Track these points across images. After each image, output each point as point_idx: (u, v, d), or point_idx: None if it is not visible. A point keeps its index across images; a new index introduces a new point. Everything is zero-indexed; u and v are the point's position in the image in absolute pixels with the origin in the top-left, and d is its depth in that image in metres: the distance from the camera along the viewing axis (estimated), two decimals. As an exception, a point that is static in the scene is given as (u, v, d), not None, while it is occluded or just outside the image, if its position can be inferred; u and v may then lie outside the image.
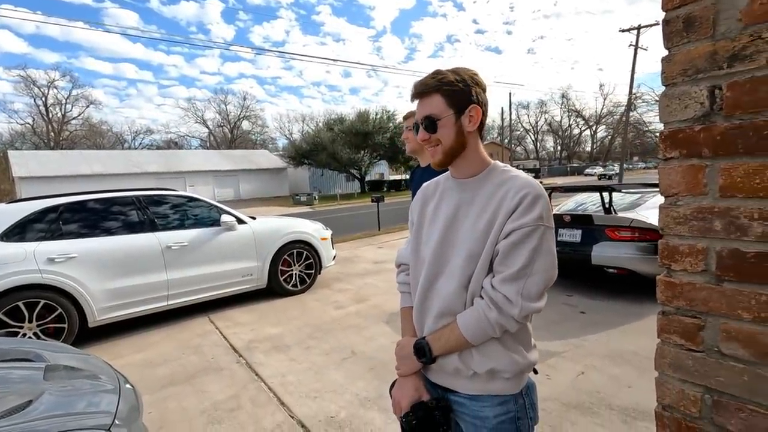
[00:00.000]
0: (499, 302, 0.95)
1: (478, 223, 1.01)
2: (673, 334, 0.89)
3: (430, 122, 1.02)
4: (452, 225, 1.06)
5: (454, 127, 1.02)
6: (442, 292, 1.04)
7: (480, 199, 1.03)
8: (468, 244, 1.01)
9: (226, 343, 3.84)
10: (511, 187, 0.99)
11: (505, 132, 47.76)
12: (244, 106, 60.49)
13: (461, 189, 1.08)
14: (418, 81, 1.05)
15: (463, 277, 1.01)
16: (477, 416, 1.03)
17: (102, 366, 2.15)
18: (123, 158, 32.49)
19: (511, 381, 1.02)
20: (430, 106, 1.02)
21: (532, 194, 0.96)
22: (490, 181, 1.04)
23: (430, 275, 1.07)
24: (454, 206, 1.07)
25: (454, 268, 1.03)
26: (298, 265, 5.38)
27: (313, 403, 2.70)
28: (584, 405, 2.47)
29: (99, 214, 4.21)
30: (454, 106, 1.02)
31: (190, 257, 4.53)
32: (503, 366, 1.00)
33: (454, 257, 1.03)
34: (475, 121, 1.04)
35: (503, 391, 1.02)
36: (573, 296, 4.58)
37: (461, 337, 0.99)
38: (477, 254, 0.99)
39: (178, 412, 2.68)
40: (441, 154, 1.04)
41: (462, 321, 1.00)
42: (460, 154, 1.05)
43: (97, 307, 3.95)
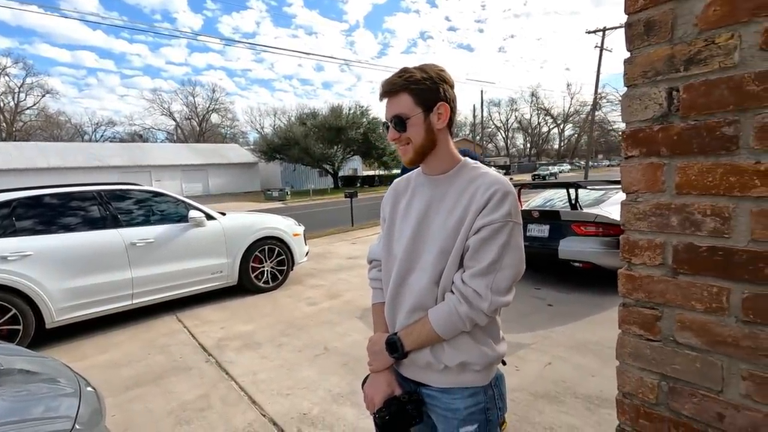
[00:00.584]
0: (469, 296, 0.97)
1: (449, 219, 1.02)
2: (633, 324, 0.94)
3: (399, 121, 1.03)
4: (424, 221, 1.07)
5: (424, 125, 1.03)
6: (414, 287, 1.05)
7: (451, 196, 1.04)
8: (439, 240, 1.02)
9: (194, 342, 3.74)
10: (481, 184, 1.01)
11: (477, 129, 48.51)
12: (214, 99, 58.80)
13: (433, 185, 1.09)
14: (385, 80, 1.05)
15: (435, 272, 1.02)
16: (448, 408, 1.05)
17: (61, 369, 2.05)
18: (83, 151, 30.96)
19: (481, 373, 1.04)
20: (398, 105, 1.03)
21: (502, 191, 0.98)
22: (460, 178, 1.06)
23: (402, 271, 1.08)
24: (426, 202, 1.08)
25: (425, 263, 1.04)
26: (270, 262, 5.30)
27: (285, 400, 2.67)
28: (551, 394, 2.55)
29: (57, 209, 4.00)
30: (422, 104, 1.02)
31: (156, 254, 4.37)
32: (474, 359, 1.02)
33: (426, 253, 1.05)
34: (444, 119, 1.05)
35: (473, 383, 1.04)
36: (541, 289, 4.72)
37: (432, 331, 1.00)
38: (448, 250, 1.01)
39: (144, 414, 2.59)
40: (412, 152, 1.05)
41: (433, 316, 1.01)
42: (431, 151, 1.06)
43: (56, 307, 3.76)
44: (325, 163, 33.94)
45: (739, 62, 0.75)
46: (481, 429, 1.05)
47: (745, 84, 0.74)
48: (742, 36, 0.74)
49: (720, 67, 0.77)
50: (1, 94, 45.96)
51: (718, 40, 0.77)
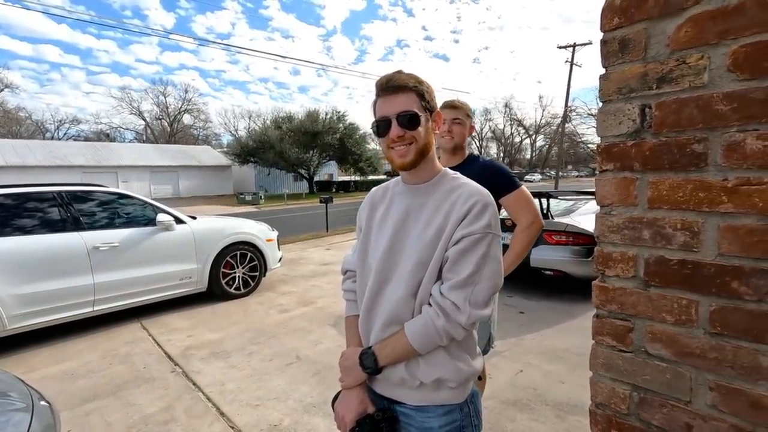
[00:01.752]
0: (447, 309, 0.95)
1: (427, 230, 1.00)
2: (606, 335, 0.95)
3: (411, 118, 1.00)
4: (401, 231, 1.05)
5: (426, 128, 1.03)
6: (391, 298, 1.03)
7: (430, 206, 1.03)
8: (417, 251, 1.00)
9: (159, 350, 3.59)
10: (461, 195, 1.00)
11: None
12: (186, 99, 57.29)
13: (412, 194, 1.07)
14: (391, 76, 1.02)
15: (412, 284, 1.00)
16: (423, 427, 1.03)
17: (11, 381, 1.92)
18: (44, 149, 29.50)
19: (456, 390, 1.02)
20: (407, 102, 1.00)
21: (482, 202, 0.98)
22: (440, 188, 1.05)
23: (378, 282, 1.05)
24: (404, 212, 1.06)
25: (402, 274, 1.02)
26: (242, 268, 5.17)
27: (254, 411, 2.59)
28: (522, 402, 2.58)
29: (11, 210, 3.77)
30: (425, 108, 1.03)
31: (120, 259, 4.19)
32: (449, 375, 1.00)
33: (403, 264, 1.02)
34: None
35: (449, 401, 1.02)
36: (513, 297, 4.80)
37: (408, 345, 0.98)
38: (426, 261, 0.99)
39: (102, 428, 2.45)
40: (414, 153, 1.02)
41: (409, 329, 0.99)
42: (426, 156, 1.05)
43: (8, 314, 3.54)
44: (301, 168, 33.63)
45: (708, 82, 0.78)
46: None
47: (713, 103, 0.77)
48: (711, 57, 0.77)
49: (690, 86, 0.80)
50: (-45, 86, 43.38)
51: (689, 60, 0.80)
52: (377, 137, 1.06)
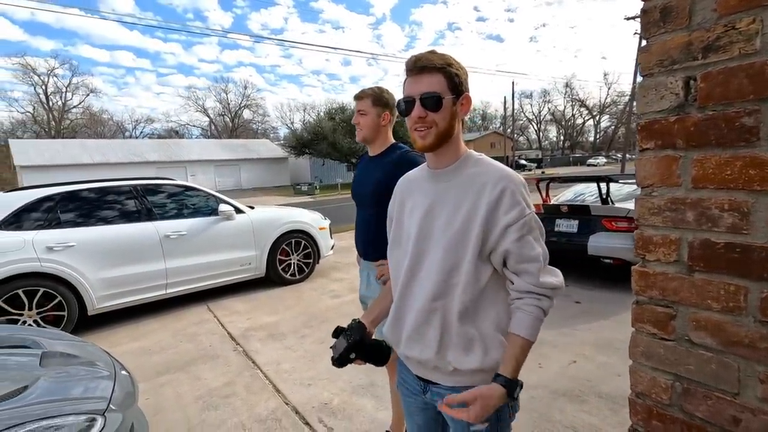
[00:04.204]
0: (549, 293, 1.00)
1: (456, 214, 1.00)
2: (646, 323, 0.91)
3: (434, 100, 0.98)
4: (429, 216, 1.05)
5: (451, 111, 1.01)
6: (424, 285, 1.04)
7: (455, 191, 1.03)
8: (447, 235, 1.00)
9: (223, 331, 3.88)
10: (488, 180, 0.99)
11: (507, 122, 47.49)
12: (245, 95, 60.21)
13: (436, 180, 1.07)
14: (421, 55, 1.01)
15: (445, 267, 1.01)
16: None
17: (99, 353, 2.18)
18: (123, 147, 32.41)
19: (492, 373, 1.00)
20: (432, 83, 0.98)
21: (512, 187, 0.98)
22: (464, 171, 1.04)
23: (411, 269, 1.07)
24: (431, 198, 1.06)
25: (433, 260, 1.02)
26: (297, 255, 5.40)
27: (306, 390, 2.74)
28: (573, 393, 2.50)
29: (96, 203, 4.22)
30: (454, 90, 1.01)
31: (188, 246, 4.55)
32: (487, 364, 1.00)
33: (433, 249, 1.03)
34: (466, 110, 1.05)
35: (485, 382, 1.00)
36: (568, 286, 4.59)
37: (527, 343, 0.98)
38: (457, 244, 0.99)
39: (174, 399, 2.72)
40: (434, 136, 1.01)
41: (520, 328, 0.98)
42: (448, 140, 1.03)
43: (96, 295, 3.99)
44: (353, 158, 34.11)
45: (760, 48, 0.71)
46: (492, 428, 1.04)
47: (766, 71, 0.70)
48: (765, 21, 0.70)
49: (740, 53, 0.73)
50: (51, 93, 48.74)
51: (738, 25, 0.73)
52: (402, 116, 1.06)
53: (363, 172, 1.92)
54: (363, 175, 1.90)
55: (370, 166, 1.89)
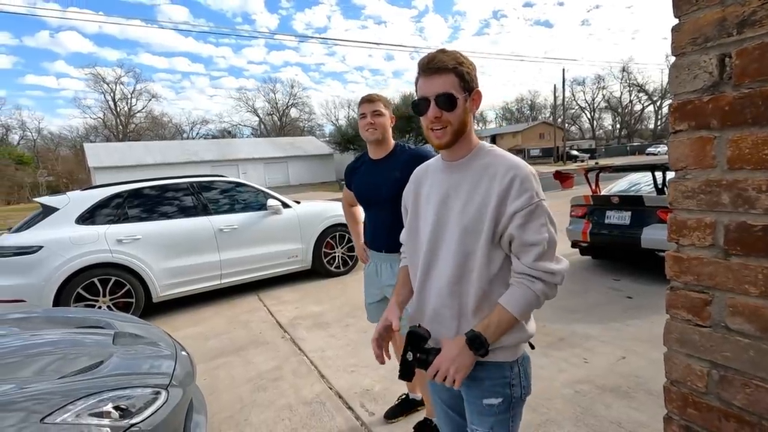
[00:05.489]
0: (542, 277, 1.01)
1: (469, 204, 1.05)
2: (680, 309, 0.89)
3: (449, 100, 1.03)
4: (444, 206, 1.10)
5: (464, 109, 1.06)
6: (443, 271, 1.09)
7: (468, 181, 1.08)
8: (462, 223, 1.06)
9: (272, 319, 4.09)
10: (498, 170, 1.04)
11: (558, 111, 45.47)
12: (292, 94, 61.91)
13: (450, 171, 1.12)
14: (433, 56, 1.04)
15: (460, 253, 1.06)
16: (471, 377, 1.08)
17: (162, 335, 2.40)
18: (181, 148, 34.53)
19: (508, 350, 1.08)
20: (446, 84, 1.03)
21: (521, 175, 1.01)
22: (476, 162, 1.09)
23: (429, 257, 1.12)
24: (445, 188, 1.11)
25: (450, 247, 1.08)
26: (341, 248, 5.55)
27: (349, 376, 2.84)
28: (621, 389, 2.42)
29: (158, 199, 4.59)
30: (466, 88, 1.05)
31: (240, 239, 4.83)
32: (504, 341, 1.06)
33: (449, 237, 1.08)
34: (477, 106, 1.10)
35: (501, 359, 1.08)
36: (620, 280, 4.40)
37: (510, 316, 1.02)
38: (473, 231, 1.04)
39: (228, 380, 2.93)
40: (450, 135, 1.06)
41: (509, 302, 1.03)
42: (462, 135, 1.08)
43: (160, 284, 4.34)
44: (397, 152, 34.11)
45: (800, 20, 0.67)
46: (505, 404, 1.08)
47: (807, 44, 0.67)
48: (805, -10, 0.67)
49: (778, 27, 0.70)
50: (118, 100, 52.83)
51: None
52: (416, 115, 1.09)
53: (371, 174, 2.01)
54: (373, 177, 1.99)
55: (379, 168, 1.98)
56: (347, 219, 2.41)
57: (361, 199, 2.10)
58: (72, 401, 1.53)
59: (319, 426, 2.33)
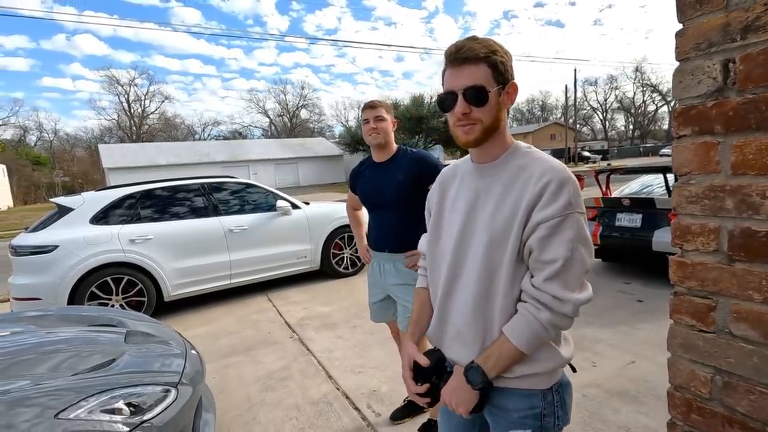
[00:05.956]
0: (547, 302, 0.88)
1: (498, 212, 0.93)
2: (684, 314, 0.89)
3: (479, 94, 0.90)
4: (472, 213, 0.99)
5: (496, 103, 0.93)
6: (468, 284, 0.97)
7: (499, 186, 0.95)
8: (489, 233, 0.94)
9: (281, 319, 4.13)
10: (532, 173, 0.91)
11: (569, 111, 45.07)
12: (302, 95, 62.29)
13: (480, 174, 1.00)
14: (462, 44, 0.92)
15: (486, 267, 0.94)
16: (499, 406, 0.98)
17: (172, 334, 2.44)
18: (193, 149, 34.94)
19: (541, 377, 0.95)
20: (477, 75, 0.90)
21: (556, 180, 0.87)
22: (510, 165, 0.96)
23: (453, 268, 1.00)
24: (474, 193, 1.00)
25: (476, 259, 0.96)
26: (349, 249, 5.57)
27: (356, 377, 2.86)
28: (629, 393, 2.39)
29: (169, 200, 4.66)
30: (499, 80, 0.92)
31: (249, 240, 4.88)
32: (534, 368, 0.94)
33: (475, 248, 0.96)
34: (512, 99, 0.96)
35: (530, 386, 0.95)
36: (631, 284, 4.35)
37: (513, 349, 0.90)
38: (500, 243, 0.92)
39: (237, 379, 2.97)
40: (479, 132, 0.93)
41: (511, 332, 0.91)
42: (494, 133, 0.95)
43: (171, 283, 4.41)
44: (407, 154, 34.10)
45: (804, 26, 0.67)
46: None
47: (811, 50, 0.67)
48: (808, -4, 0.66)
49: (782, 32, 0.70)
50: (132, 101, 53.68)
51: (780, 2, 0.69)
52: (443, 111, 0.97)
53: (375, 176, 2.08)
54: (377, 180, 2.06)
55: (382, 171, 2.05)
56: (351, 222, 2.47)
57: (366, 202, 2.15)
58: (85, 398, 1.57)
59: (326, 426, 2.35)
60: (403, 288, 2.03)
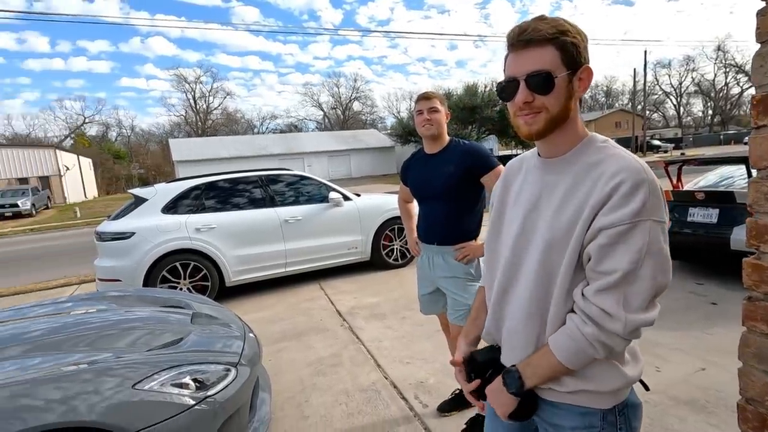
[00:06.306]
0: (594, 316, 0.79)
1: (561, 213, 0.85)
2: (759, 321, 0.82)
3: (544, 80, 0.81)
4: (534, 211, 0.91)
5: (566, 91, 0.83)
6: (524, 289, 0.92)
7: (565, 184, 0.86)
8: (548, 236, 0.86)
9: (332, 307, 4.26)
10: (604, 171, 0.81)
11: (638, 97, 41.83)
12: (355, 88, 63.05)
13: (546, 170, 0.91)
14: (526, 25, 0.83)
15: (542, 272, 0.87)
16: (551, 423, 0.92)
17: (233, 317, 2.61)
18: (251, 142, 36.67)
19: (600, 396, 0.86)
20: (541, 59, 0.81)
21: (630, 181, 0.77)
22: (581, 161, 0.86)
23: (509, 268, 0.95)
24: (538, 189, 0.92)
25: (532, 262, 0.89)
26: (399, 241, 5.61)
27: (404, 367, 2.90)
28: (698, 402, 2.22)
29: (231, 191, 4.95)
30: (569, 63, 0.82)
31: (303, 230, 5.06)
32: (595, 386, 0.86)
33: (533, 249, 0.90)
34: (585, 86, 0.86)
35: (589, 404, 0.87)
36: (704, 284, 4.01)
37: (555, 362, 0.84)
38: (559, 247, 0.85)
39: (289, 363, 3.12)
40: (544, 122, 0.84)
41: (554, 342, 0.85)
42: (562, 124, 0.86)
43: (232, 270, 4.70)
44: (459, 145, 33.45)
45: None
46: None
47: None
48: None
49: None
50: (198, 98, 57.20)
51: None
52: (503, 101, 0.89)
53: (426, 168, 2.08)
54: (427, 171, 2.06)
55: (433, 162, 2.05)
56: (402, 214, 2.49)
57: (416, 193, 2.17)
58: (158, 371, 1.73)
59: (374, 413, 2.41)
60: (452, 281, 2.02)
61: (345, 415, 2.42)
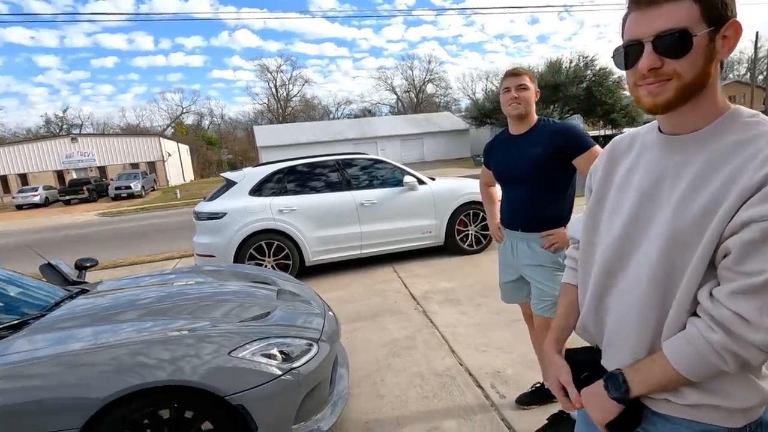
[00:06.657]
0: (726, 322, 0.66)
1: (691, 200, 0.71)
2: None
3: (678, 40, 0.68)
4: (650, 199, 0.77)
5: (705, 52, 0.69)
6: (629, 293, 0.79)
7: (699, 165, 0.71)
8: (671, 228, 0.72)
9: (406, 290, 4.30)
10: (757, 153, 0.66)
11: (759, 66, 35.95)
12: (429, 69, 61.89)
13: (670, 149, 0.76)
14: None
15: (659, 274, 0.74)
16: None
17: (313, 295, 2.73)
18: (327, 128, 37.91)
19: (729, 412, 0.73)
20: (676, 14, 0.67)
21: None
22: (720, 140, 0.71)
23: (611, 265, 0.82)
24: (656, 174, 0.77)
25: (645, 261, 0.76)
26: (474, 226, 5.47)
27: (480, 355, 2.83)
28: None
29: (309, 175, 5.16)
30: (711, 19, 0.68)
31: (378, 213, 5.14)
32: (723, 401, 0.73)
33: (647, 244, 0.76)
34: (731, 46, 0.71)
35: (710, 420, 0.74)
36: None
37: (670, 369, 0.72)
38: (685, 245, 0.71)
39: (365, 342, 3.21)
40: (674, 91, 0.70)
41: (671, 347, 0.73)
42: (697, 94, 0.71)
43: (311, 250, 4.93)
44: (539, 126, 31.55)
45: None
46: None
47: None
48: None
49: None
50: (279, 87, 60.27)
51: None
52: (621, 68, 0.75)
53: (510, 150, 1.97)
54: (512, 153, 1.95)
55: (518, 144, 1.93)
56: (483, 198, 2.39)
57: (500, 176, 2.07)
58: (249, 341, 1.87)
59: (449, 399, 2.39)
60: (538, 269, 1.91)
61: (420, 397, 2.43)
